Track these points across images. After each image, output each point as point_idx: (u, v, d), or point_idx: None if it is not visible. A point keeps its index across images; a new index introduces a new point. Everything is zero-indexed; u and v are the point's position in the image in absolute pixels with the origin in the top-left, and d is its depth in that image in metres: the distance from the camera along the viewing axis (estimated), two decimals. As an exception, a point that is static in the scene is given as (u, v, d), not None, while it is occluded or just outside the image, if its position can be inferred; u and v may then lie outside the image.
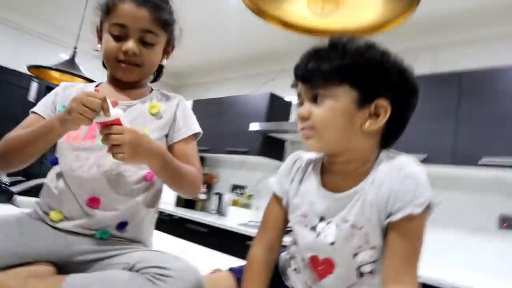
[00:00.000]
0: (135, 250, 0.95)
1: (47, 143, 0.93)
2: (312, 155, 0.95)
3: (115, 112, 0.87)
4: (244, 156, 3.67)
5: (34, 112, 1.06)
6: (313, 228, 0.86)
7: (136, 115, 1.07)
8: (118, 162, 1.00)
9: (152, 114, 1.09)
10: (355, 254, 0.82)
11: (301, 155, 0.97)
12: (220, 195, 3.95)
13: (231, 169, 4.15)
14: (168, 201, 4.15)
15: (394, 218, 0.76)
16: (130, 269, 0.86)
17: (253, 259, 0.93)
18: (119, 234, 1.01)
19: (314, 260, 0.87)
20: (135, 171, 1.03)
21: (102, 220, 0.98)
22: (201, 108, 4.05)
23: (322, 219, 0.86)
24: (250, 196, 3.73)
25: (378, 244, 0.81)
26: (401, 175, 0.77)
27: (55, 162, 1.04)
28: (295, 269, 0.95)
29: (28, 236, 0.92)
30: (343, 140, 0.82)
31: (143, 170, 1.04)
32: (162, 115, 1.10)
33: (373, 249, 0.81)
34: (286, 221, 0.96)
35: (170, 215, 3.65)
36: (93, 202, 0.98)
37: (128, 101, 1.09)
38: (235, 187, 3.92)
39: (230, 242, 3.04)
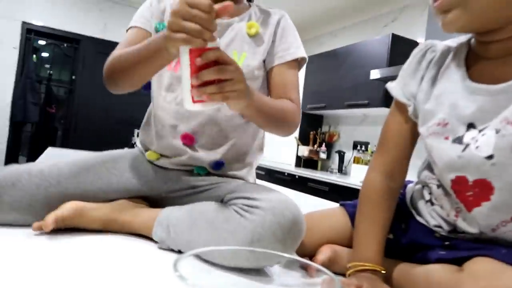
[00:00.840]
0: (231, 182, 0.86)
1: (153, 69, 0.80)
2: (450, 42, 0.70)
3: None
4: (365, 109, 3.36)
5: (133, 27, 0.94)
6: (458, 140, 0.63)
7: (233, 36, 0.93)
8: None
9: (250, 36, 0.94)
10: None
11: (434, 43, 0.72)
12: (341, 153, 3.73)
13: (351, 125, 3.87)
14: (288, 161, 4.11)
15: None
16: (222, 200, 0.77)
17: (369, 187, 0.73)
18: (216, 172, 0.93)
19: (460, 182, 0.63)
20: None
21: (197, 159, 0.92)
22: (315, 64, 3.82)
23: (471, 126, 0.62)
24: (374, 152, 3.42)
25: None
26: None
27: (147, 86, 0.99)
28: (429, 201, 0.73)
29: (132, 172, 0.92)
30: (504, 5, 0.55)
31: None
32: (262, 36, 0.95)
33: None
34: (413, 136, 0.73)
35: (291, 175, 3.59)
36: (187, 139, 0.91)
37: (226, 19, 0.94)
38: (357, 144, 3.65)
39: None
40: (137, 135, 3.35)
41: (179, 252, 0.75)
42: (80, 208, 0.80)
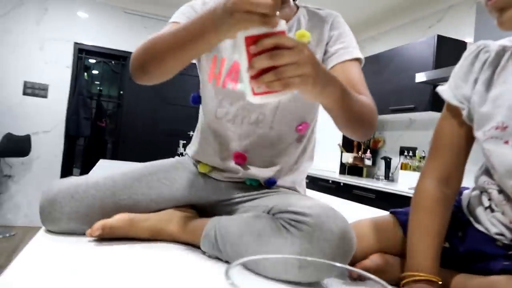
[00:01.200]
0: (280, 193, 0.86)
1: (192, 54, 0.70)
2: (505, 41, 0.66)
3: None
4: (411, 114, 3.25)
5: (172, 22, 0.89)
6: None
7: None
8: (264, 113, 0.88)
9: None
10: None
11: (487, 44, 0.68)
12: (387, 159, 3.62)
13: (397, 130, 3.75)
14: (332, 169, 4.04)
15: None
16: (269, 212, 0.77)
17: (423, 194, 0.70)
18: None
19: None
20: (286, 123, 0.90)
21: (250, 175, 0.92)
22: (357, 68, 3.75)
23: None
24: (422, 158, 3.28)
25: None
26: None
27: (197, 100, 0.98)
28: (489, 207, 0.68)
29: (182, 182, 0.94)
30: None
31: (294, 120, 0.91)
32: (314, 45, 0.89)
33: None
34: (468, 140, 0.70)
35: (335, 182, 3.53)
36: (239, 158, 0.91)
37: None
38: (403, 150, 3.52)
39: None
40: (183, 146, 3.45)
41: (227, 262, 0.75)
42: (130, 219, 0.82)
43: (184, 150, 1.10)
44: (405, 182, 3.20)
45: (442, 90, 0.73)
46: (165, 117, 4.50)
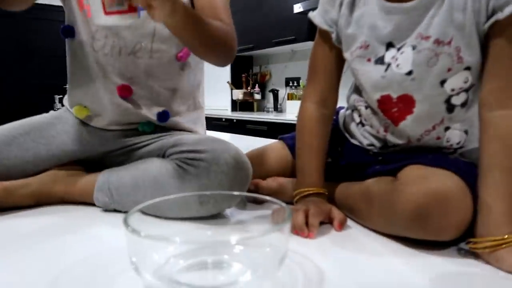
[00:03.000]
0: (173, 135, 0.83)
1: None
2: None
3: None
4: (293, 45, 3.38)
5: None
6: (380, 60, 0.66)
7: None
8: (141, 41, 0.82)
9: None
10: (443, 81, 0.62)
11: None
12: (274, 91, 3.78)
13: (281, 62, 3.89)
14: (224, 107, 4.09)
15: (502, 14, 0.54)
16: (163, 155, 0.75)
17: (304, 117, 0.76)
18: (163, 125, 0.88)
19: (385, 101, 0.68)
20: (165, 50, 0.85)
21: (139, 112, 0.85)
22: (237, 4, 3.70)
23: (390, 45, 0.65)
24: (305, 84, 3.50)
25: (475, 61, 0.60)
26: None
27: (70, 33, 0.85)
28: (360, 123, 0.77)
29: (61, 138, 0.86)
30: None
31: (173, 47, 0.86)
32: None
33: (468, 71, 0.60)
34: (340, 63, 0.76)
35: (228, 120, 3.60)
36: (124, 90, 0.83)
37: None
38: (289, 81, 3.70)
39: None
40: (59, 101, 3.11)
41: (126, 212, 0.73)
42: (4, 188, 0.74)
43: (62, 105, 0.98)
44: (292, 111, 3.41)
45: (313, 16, 0.77)
46: (35, 71, 3.96)
